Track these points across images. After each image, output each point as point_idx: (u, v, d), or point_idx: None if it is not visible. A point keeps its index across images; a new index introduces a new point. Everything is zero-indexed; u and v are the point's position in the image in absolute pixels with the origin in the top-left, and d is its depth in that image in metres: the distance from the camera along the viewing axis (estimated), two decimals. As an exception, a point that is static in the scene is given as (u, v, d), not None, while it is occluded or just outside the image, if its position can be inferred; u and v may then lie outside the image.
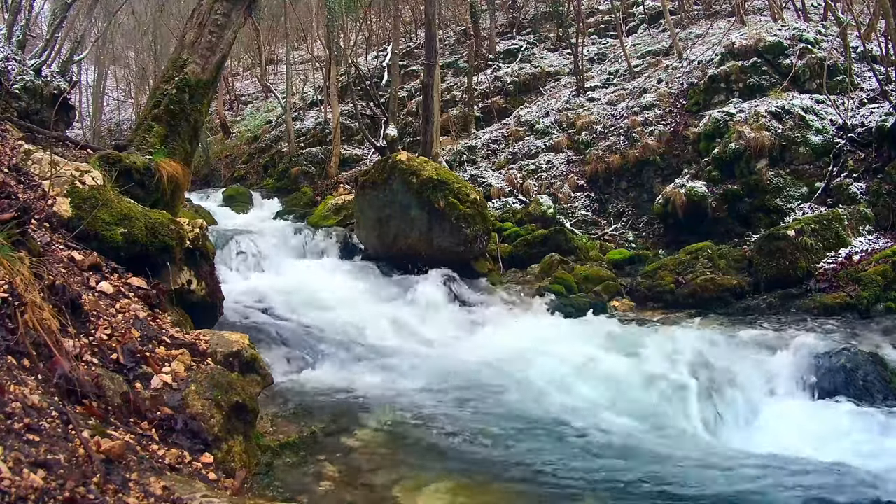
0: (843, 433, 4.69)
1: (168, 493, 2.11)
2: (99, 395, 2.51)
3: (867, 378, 5.40)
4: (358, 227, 10.28)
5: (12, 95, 9.04)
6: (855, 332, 6.61)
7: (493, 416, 4.77)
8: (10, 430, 1.90)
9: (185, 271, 4.67)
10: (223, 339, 3.58)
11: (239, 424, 3.10)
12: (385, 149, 14.41)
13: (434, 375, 5.69)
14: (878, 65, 10.87)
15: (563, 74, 17.74)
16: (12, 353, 2.28)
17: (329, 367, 5.76)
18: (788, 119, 10.44)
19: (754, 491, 3.68)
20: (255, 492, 2.99)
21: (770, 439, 4.80)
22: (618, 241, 11.52)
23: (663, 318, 7.91)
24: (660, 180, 11.92)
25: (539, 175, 13.40)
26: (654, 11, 18.83)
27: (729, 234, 10.06)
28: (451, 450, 4.05)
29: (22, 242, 2.75)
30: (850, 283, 7.61)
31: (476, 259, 9.46)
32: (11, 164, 4.04)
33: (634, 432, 4.67)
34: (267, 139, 21.77)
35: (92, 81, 29.38)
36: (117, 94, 32.59)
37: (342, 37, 20.76)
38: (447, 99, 18.19)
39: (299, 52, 28.97)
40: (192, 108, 6.38)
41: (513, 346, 6.58)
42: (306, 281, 8.32)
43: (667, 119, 12.94)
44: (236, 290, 7.08)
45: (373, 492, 3.40)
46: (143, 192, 5.22)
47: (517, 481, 3.66)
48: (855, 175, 9.55)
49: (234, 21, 6.68)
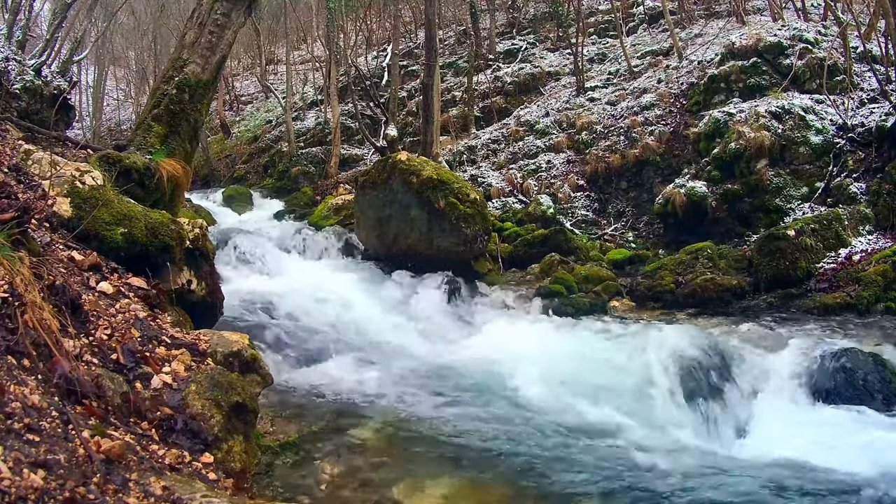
0: (843, 434, 4.68)
1: (168, 493, 2.11)
2: (99, 395, 2.51)
3: (867, 378, 5.40)
4: (358, 227, 10.28)
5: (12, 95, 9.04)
6: (855, 333, 6.61)
7: (492, 416, 4.78)
8: (10, 430, 1.90)
9: (185, 271, 4.66)
10: (223, 339, 3.58)
11: (239, 424, 3.10)
12: (385, 149, 14.41)
13: (434, 375, 5.69)
14: (878, 65, 10.87)
15: (563, 74, 17.74)
16: (12, 353, 2.28)
17: (329, 367, 5.76)
18: (788, 119, 10.44)
19: (752, 492, 3.68)
20: (255, 492, 2.99)
21: (769, 440, 4.79)
22: (618, 241, 11.52)
23: (663, 318, 7.91)
24: (660, 180, 11.92)
25: (539, 175, 13.40)
26: (654, 11, 18.83)
27: (729, 234, 10.06)
28: (452, 450, 4.05)
29: (22, 242, 2.75)
30: (850, 283, 7.60)
31: (476, 259, 9.46)
32: (11, 164, 4.03)
33: (633, 433, 4.67)
34: (267, 139, 21.77)
35: (92, 81, 29.38)
36: (117, 94, 32.59)
37: (342, 37, 20.77)
38: (447, 99, 18.18)
39: (299, 52, 28.97)
40: (192, 108, 6.37)
41: (512, 346, 6.58)
42: (306, 281, 8.32)
43: (667, 119, 12.94)
44: (236, 290, 7.07)
45: (373, 492, 3.40)
46: (143, 192, 5.22)
47: (517, 481, 3.66)
48: (855, 175, 9.55)
49: (234, 21, 6.67)
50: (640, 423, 4.88)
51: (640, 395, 5.31)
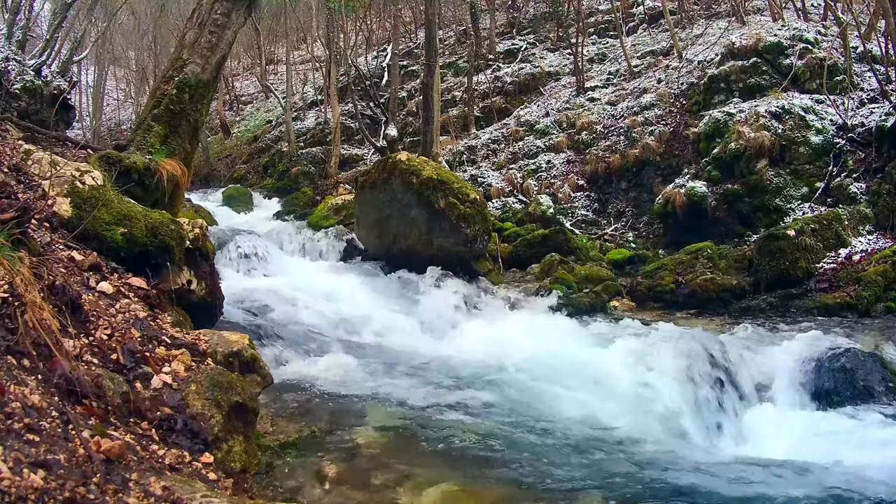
0: (844, 434, 4.69)
1: (168, 493, 2.11)
2: (99, 395, 2.50)
3: (867, 378, 5.40)
4: (358, 227, 10.28)
5: (12, 95, 9.04)
6: (855, 333, 6.61)
7: (493, 415, 4.77)
8: (10, 430, 1.90)
9: (185, 271, 4.66)
10: (223, 339, 3.57)
11: (239, 424, 3.10)
12: (385, 149, 14.41)
13: (434, 375, 5.69)
14: (878, 65, 10.87)
15: (563, 74, 17.75)
16: (12, 353, 2.28)
17: (329, 367, 5.75)
18: (788, 119, 10.44)
19: (752, 492, 3.68)
20: (255, 492, 2.99)
21: (769, 440, 4.79)
22: (618, 241, 11.53)
23: (663, 318, 7.91)
24: (660, 180, 11.93)
25: (539, 175, 13.40)
26: (654, 11, 18.83)
27: (729, 234, 10.06)
28: (452, 450, 4.05)
29: (22, 242, 2.75)
30: (850, 283, 7.61)
31: (476, 259, 9.46)
32: (11, 164, 4.03)
33: (633, 433, 4.67)
34: (267, 139, 21.78)
35: (92, 81, 29.40)
36: (117, 94, 32.61)
37: (342, 37, 20.77)
38: (447, 99, 18.19)
39: (299, 52, 28.98)
40: (192, 108, 6.37)
41: (512, 346, 6.58)
42: (306, 281, 8.31)
43: (667, 119, 12.95)
44: (236, 290, 7.06)
45: (373, 492, 3.40)
46: (143, 192, 5.22)
47: (518, 482, 3.66)
48: (855, 175, 9.56)
49: (234, 21, 6.67)
50: (640, 423, 4.88)
51: (640, 395, 5.31)
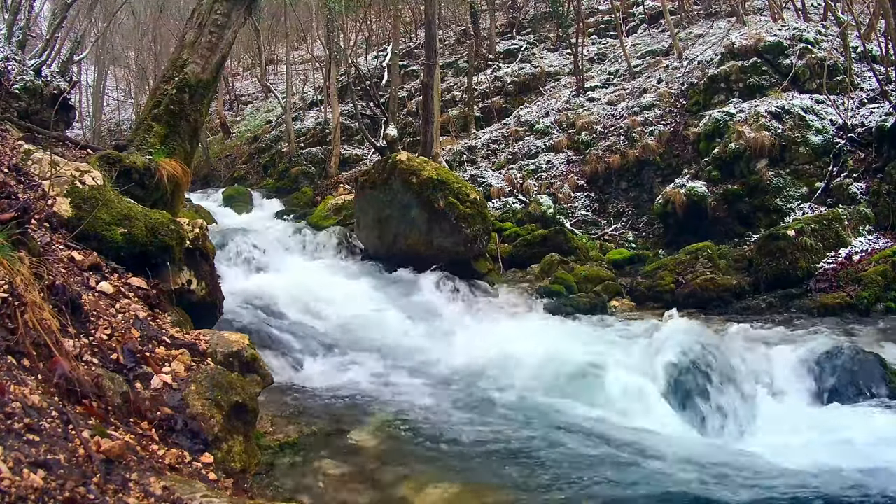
0: (843, 434, 4.68)
1: (168, 493, 2.11)
2: (99, 395, 2.50)
3: (867, 378, 5.40)
4: (358, 227, 10.28)
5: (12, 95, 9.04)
6: (855, 332, 6.61)
7: (493, 415, 4.77)
8: (10, 430, 1.90)
9: (185, 271, 4.66)
10: (223, 339, 3.57)
11: (239, 424, 3.10)
12: (385, 149, 14.42)
13: (434, 375, 5.69)
14: (878, 65, 10.87)
15: (563, 74, 17.75)
16: (12, 353, 2.28)
17: (329, 367, 5.76)
18: (788, 119, 10.44)
19: (753, 492, 3.68)
20: (255, 492, 2.99)
21: (769, 439, 4.79)
22: (618, 241, 11.53)
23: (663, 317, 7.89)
24: (660, 180, 11.93)
25: (539, 175, 13.40)
26: (654, 11, 18.83)
27: (729, 234, 10.06)
28: (452, 450, 4.05)
29: (22, 242, 2.75)
30: (850, 283, 7.61)
31: (476, 259, 9.46)
32: (11, 164, 4.03)
33: (634, 432, 4.67)
34: (267, 139, 21.77)
35: (92, 81, 29.39)
36: (117, 94, 32.61)
37: (342, 37, 20.77)
38: (447, 99, 18.19)
39: (299, 52, 28.98)
40: (192, 108, 6.37)
41: (513, 346, 6.57)
42: (306, 281, 8.31)
43: (667, 119, 12.95)
44: (236, 290, 7.07)
45: (373, 492, 3.40)
46: (143, 192, 5.22)
47: (517, 482, 3.65)
48: (855, 175, 9.56)
49: (234, 21, 6.67)
50: (641, 423, 4.88)
51: (641, 395, 5.31)
